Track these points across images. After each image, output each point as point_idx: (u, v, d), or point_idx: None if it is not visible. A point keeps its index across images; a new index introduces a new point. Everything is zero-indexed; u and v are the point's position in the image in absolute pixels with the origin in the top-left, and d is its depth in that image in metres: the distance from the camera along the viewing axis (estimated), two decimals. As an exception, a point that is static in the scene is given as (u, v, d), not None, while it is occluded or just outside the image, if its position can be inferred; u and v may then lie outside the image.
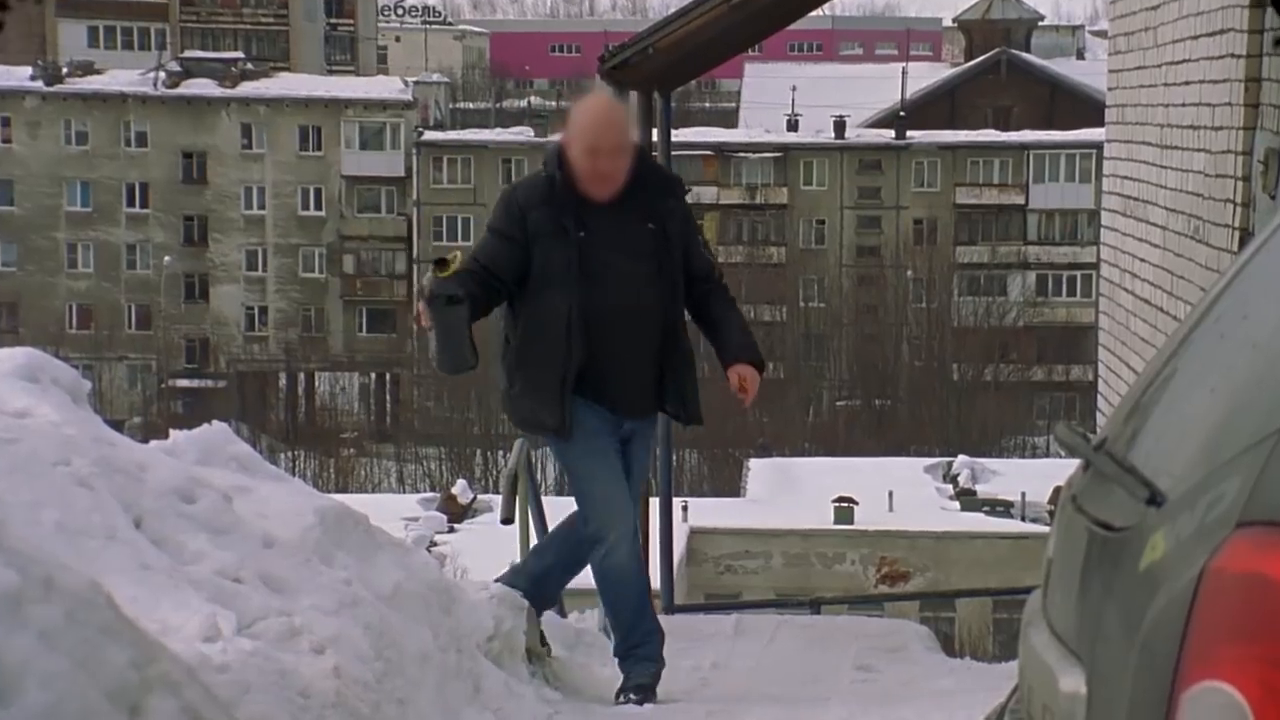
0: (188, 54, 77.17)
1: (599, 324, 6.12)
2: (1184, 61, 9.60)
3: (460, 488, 43.16)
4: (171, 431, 6.66)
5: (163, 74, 71.17)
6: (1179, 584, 2.12)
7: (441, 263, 5.96)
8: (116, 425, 6.51)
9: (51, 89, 70.14)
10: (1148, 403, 2.71)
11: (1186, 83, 9.53)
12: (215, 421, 6.94)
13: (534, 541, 8.18)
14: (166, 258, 69.28)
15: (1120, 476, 2.48)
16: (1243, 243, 7.76)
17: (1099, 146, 13.22)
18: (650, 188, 6.29)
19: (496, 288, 6.16)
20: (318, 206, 70.56)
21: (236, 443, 6.76)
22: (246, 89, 71.42)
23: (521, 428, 6.79)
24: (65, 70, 71.63)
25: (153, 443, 6.36)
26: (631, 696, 6.34)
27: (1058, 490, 3.31)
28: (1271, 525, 2.04)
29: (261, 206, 70.58)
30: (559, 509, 6.95)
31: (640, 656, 6.39)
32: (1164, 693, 2.08)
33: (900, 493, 34.11)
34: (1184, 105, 9.56)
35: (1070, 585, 2.59)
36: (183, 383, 67.96)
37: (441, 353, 6.30)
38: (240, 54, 77.99)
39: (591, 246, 6.13)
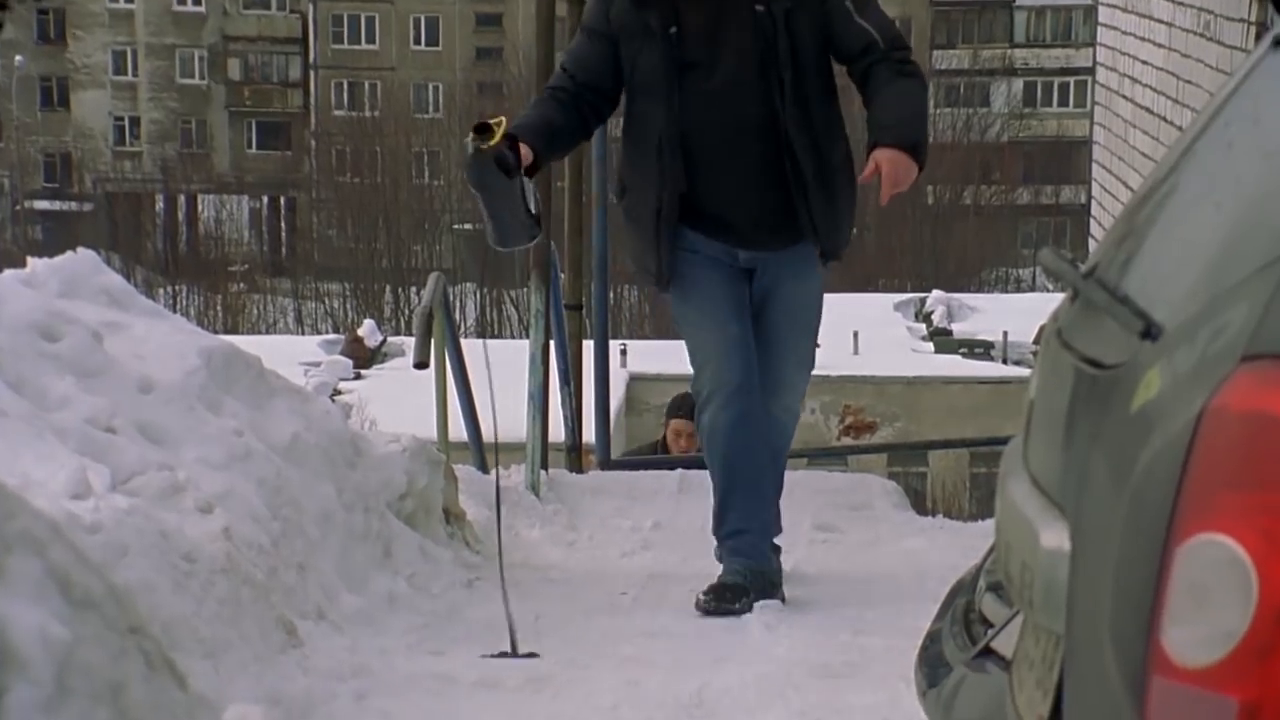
0: None
1: (699, 143, 5.62)
2: None
3: (368, 329, 43.04)
4: (30, 260, 6.60)
5: None
6: (1175, 426, 2.13)
7: (483, 128, 5.41)
8: (-31, 255, 6.45)
9: None
10: (1145, 223, 2.72)
11: None
12: (81, 249, 6.90)
13: (451, 389, 8.18)
14: (18, 57, 67.95)
15: (1112, 306, 2.49)
16: (1258, 39, 7.75)
17: (1096, -66, 13.14)
18: None
19: (590, 100, 5.68)
20: (197, 1, 69.51)
21: (106, 273, 6.72)
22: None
23: (635, 269, 6.28)
24: None
25: (7, 272, 6.29)
26: (700, 597, 5.83)
27: (1042, 327, 3.32)
28: (1277, 360, 2.06)
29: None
30: (478, 353, 6.89)
31: (728, 548, 5.94)
32: (1157, 547, 2.10)
33: (866, 333, 34.21)
34: None
35: (1054, 430, 2.60)
36: (42, 204, 67.11)
37: (492, 227, 5.90)
38: None
39: (686, 45, 5.54)
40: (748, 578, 5.77)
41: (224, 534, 5.56)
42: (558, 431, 9.54)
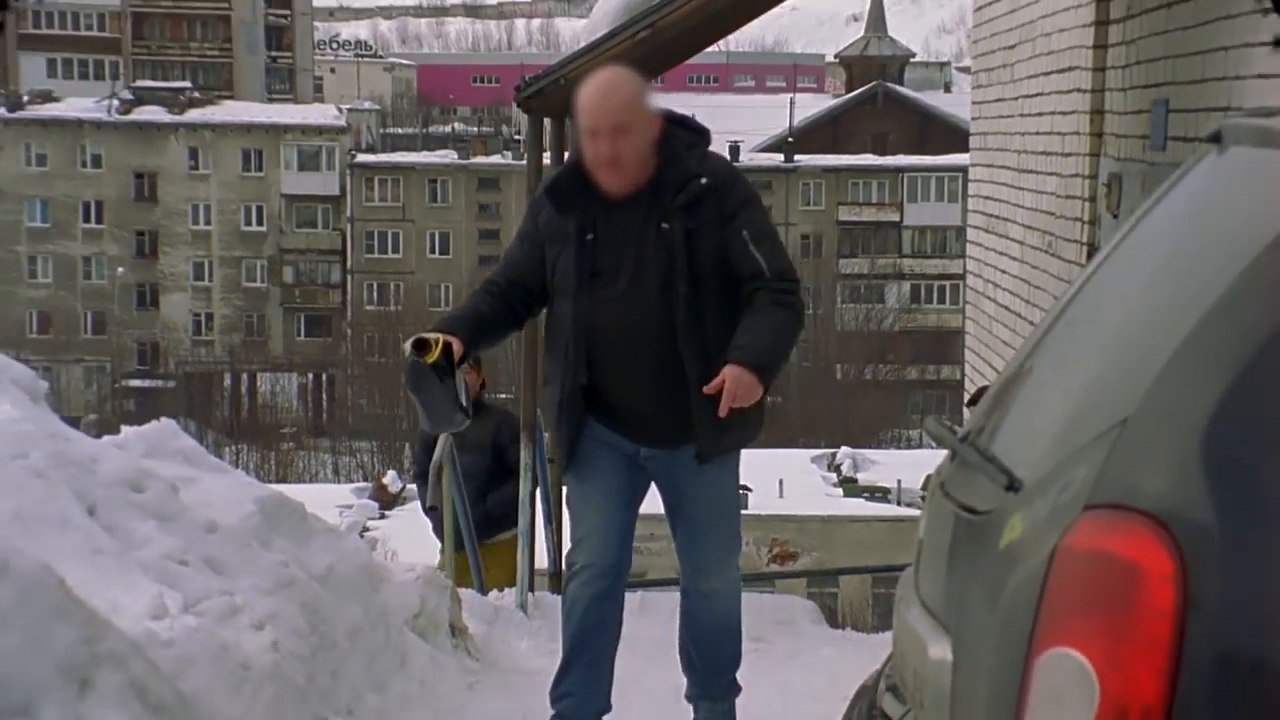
0: (139, 83, 77.29)
1: (603, 342, 4.85)
2: (1037, 95, 9.72)
3: (390, 478, 42.97)
4: (123, 427, 6.60)
5: (116, 101, 71.30)
6: (1034, 561, 2.13)
7: (421, 344, 4.83)
8: (73, 422, 6.43)
9: (13, 115, 70.04)
10: (1007, 398, 2.73)
11: (1040, 114, 9.64)
12: (163, 418, 6.89)
13: (460, 526, 8.13)
14: (120, 269, 69.51)
15: (983, 465, 2.49)
16: (1090, 256, 7.84)
17: (965, 170, 13.33)
18: (668, 178, 4.81)
19: (519, 296, 5.00)
20: (259, 222, 70.74)
21: (183, 437, 6.70)
22: (193, 115, 71.48)
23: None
24: (25, 98, 71.69)
25: (105, 438, 6.29)
26: None
27: (928, 478, 3.32)
28: (1115, 508, 2.06)
29: (207, 222, 70.89)
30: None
31: (556, 707, 5.15)
32: (1020, 658, 2.09)
33: (790, 481, 34.25)
34: (1038, 134, 9.67)
35: (939, 563, 2.60)
36: (134, 383, 67.73)
37: (424, 416, 5.50)
38: (188, 83, 78.02)
39: (599, 252, 4.82)
40: None
41: (272, 647, 5.50)
42: (542, 561, 9.49)
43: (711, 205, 4.79)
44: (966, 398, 8.49)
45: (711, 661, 5.25)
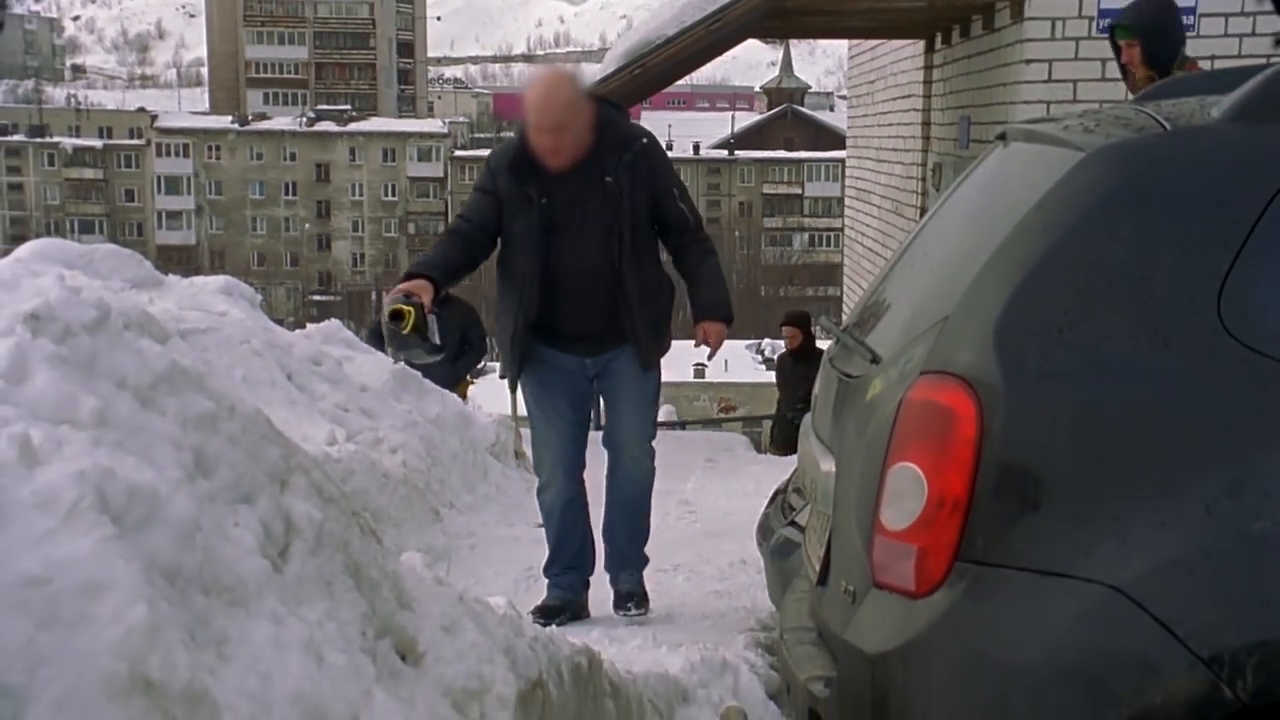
0: (319, 107, 78.33)
1: (554, 282, 4.00)
2: (889, 112, 9.65)
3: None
4: (308, 324, 6.60)
5: (305, 119, 72.40)
6: (888, 407, 2.12)
7: (397, 315, 3.81)
8: (278, 321, 6.43)
9: (242, 129, 71.54)
10: (871, 306, 2.72)
11: (890, 124, 9.58)
12: (333, 319, 6.88)
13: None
14: (306, 225, 70.70)
15: (856, 347, 2.48)
16: (922, 215, 7.83)
17: (843, 161, 13.25)
18: (608, 146, 3.98)
19: (481, 240, 4.07)
20: (393, 195, 71.68)
21: (345, 332, 6.71)
22: (353, 127, 72.18)
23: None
24: (250, 118, 73.71)
25: (297, 331, 6.28)
26: (530, 615, 3.84)
27: (822, 357, 3.30)
28: (940, 373, 2.05)
29: (361, 195, 71.90)
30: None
31: (552, 583, 4.25)
32: (878, 469, 2.09)
33: (732, 361, 34.45)
34: (889, 137, 9.62)
35: (827, 410, 2.59)
36: (316, 298, 68.62)
37: (406, 361, 4.86)
38: (349, 107, 78.70)
39: (553, 211, 3.98)
40: (564, 601, 4.18)
41: (403, 464, 5.52)
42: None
43: (643, 165, 3.98)
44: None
45: (631, 529, 4.23)
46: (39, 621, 1.40)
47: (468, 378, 8.23)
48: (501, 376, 4.16)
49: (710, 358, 4.15)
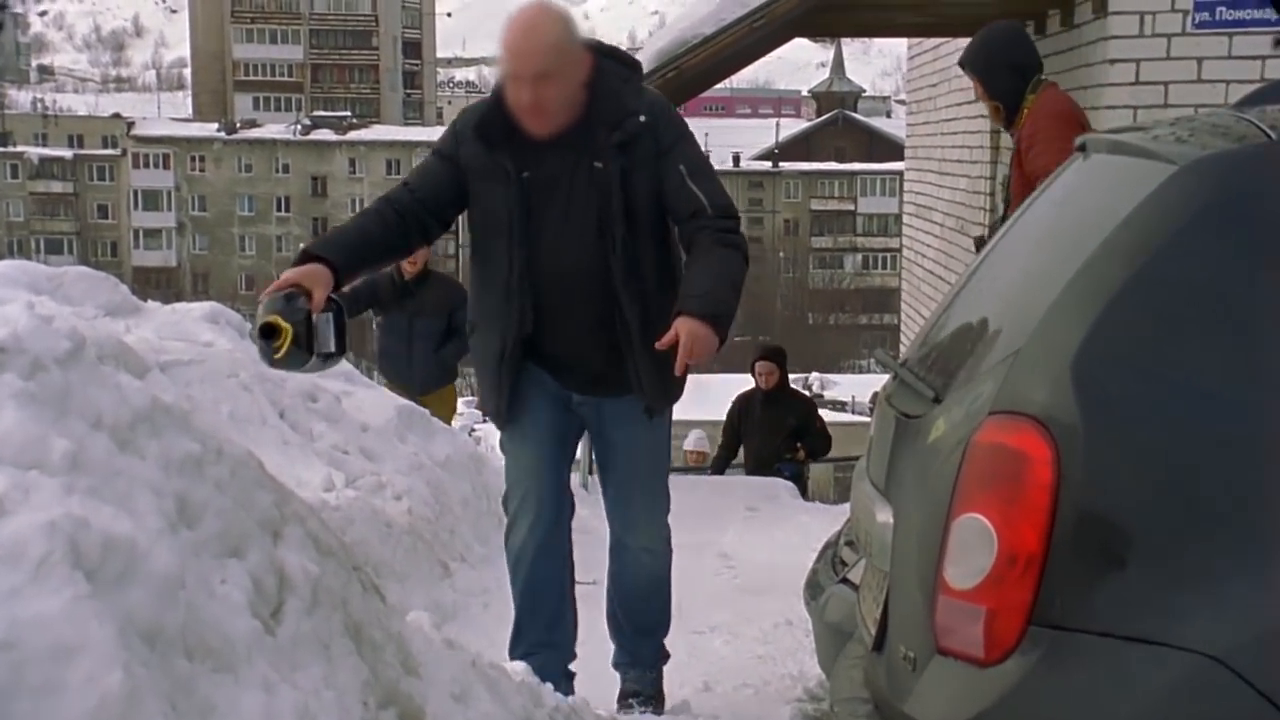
0: (315, 113, 79.52)
1: (541, 287, 3.34)
2: (953, 120, 9.67)
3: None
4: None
5: (299, 126, 73.42)
6: (952, 451, 2.13)
7: (269, 331, 3.27)
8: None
9: (230, 137, 72.17)
10: (932, 336, 2.72)
11: (954, 133, 9.61)
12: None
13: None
14: (301, 245, 70.39)
15: (915, 383, 2.48)
16: (991, 234, 7.85)
17: (901, 173, 13.28)
18: (598, 119, 3.28)
19: (419, 216, 3.38)
20: (396, 210, 72.40)
21: (343, 363, 6.73)
22: (353, 135, 72.85)
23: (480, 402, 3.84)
24: (238, 125, 74.58)
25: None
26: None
27: (875, 394, 3.29)
28: (1010, 413, 2.05)
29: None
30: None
31: (518, 658, 3.42)
32: (941, 520, 2.09)
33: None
34: (953, 147, 9.64)
35: (883, 453, 2.59)
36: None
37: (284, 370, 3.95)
38: (348, 113, 79.71)
39: (536, 191, 3.30)
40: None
41: (408, 511, 5.53)
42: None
43: (648, 142, 3.28)
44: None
45: (640, 623, 3.71)
46: (4, 690, 1.41)
47: (458, 371, 7.58)
48: (480, 407, 3.42)
49: (679, 371, 3.17)
